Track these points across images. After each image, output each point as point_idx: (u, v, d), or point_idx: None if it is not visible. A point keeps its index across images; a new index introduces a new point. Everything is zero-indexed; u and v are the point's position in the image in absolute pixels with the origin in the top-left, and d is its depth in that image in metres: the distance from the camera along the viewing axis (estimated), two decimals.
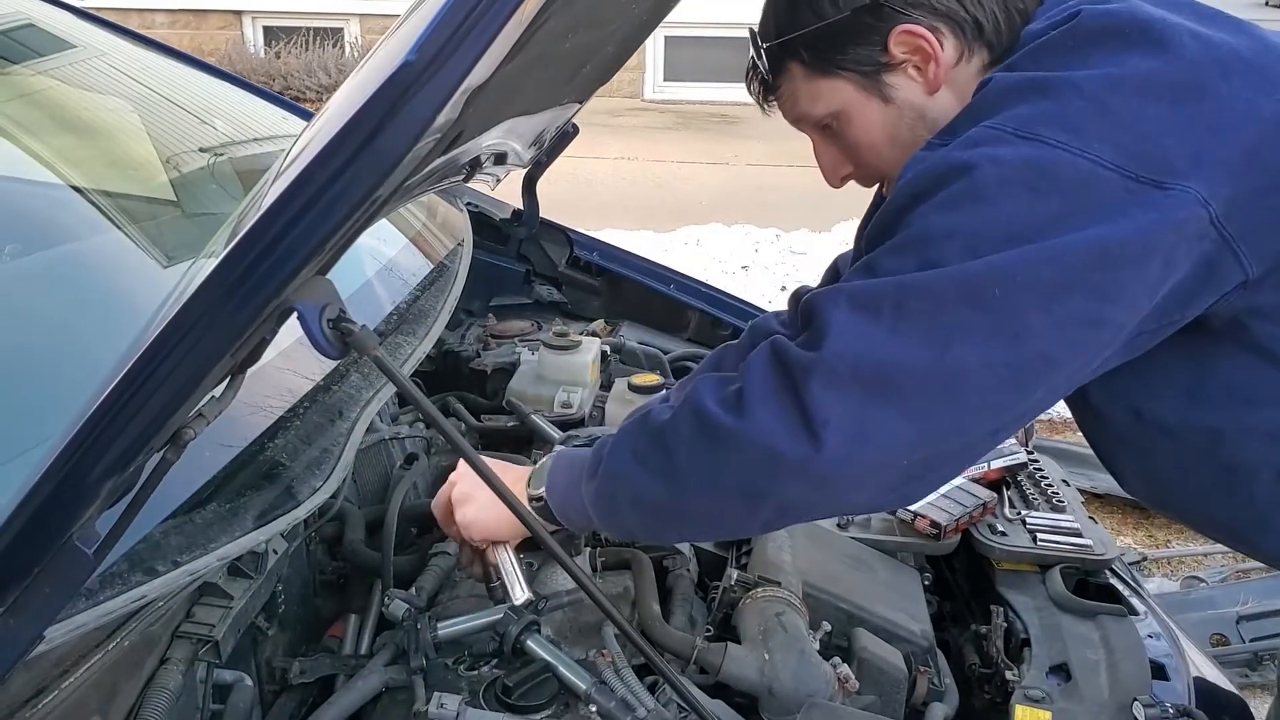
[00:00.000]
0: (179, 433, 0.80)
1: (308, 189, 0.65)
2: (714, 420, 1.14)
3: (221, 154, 2.41)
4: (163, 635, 1.27)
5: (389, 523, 1.61)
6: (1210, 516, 1.41)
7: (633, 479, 1.22)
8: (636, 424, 1.27)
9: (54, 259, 1.86)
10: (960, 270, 1.07)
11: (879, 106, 1.33)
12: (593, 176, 8.54)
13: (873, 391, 1.09)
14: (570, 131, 2.08)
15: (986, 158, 1.09)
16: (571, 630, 1.48)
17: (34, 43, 2.54)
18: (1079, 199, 1.07)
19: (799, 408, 1.09)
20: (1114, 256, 1.07)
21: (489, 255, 2.67)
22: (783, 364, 1.12)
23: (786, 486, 1.13)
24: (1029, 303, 1.07)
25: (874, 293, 1.11)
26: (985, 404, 1.10)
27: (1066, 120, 1.09)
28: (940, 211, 1.11)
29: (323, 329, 0.74)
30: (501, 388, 2.21)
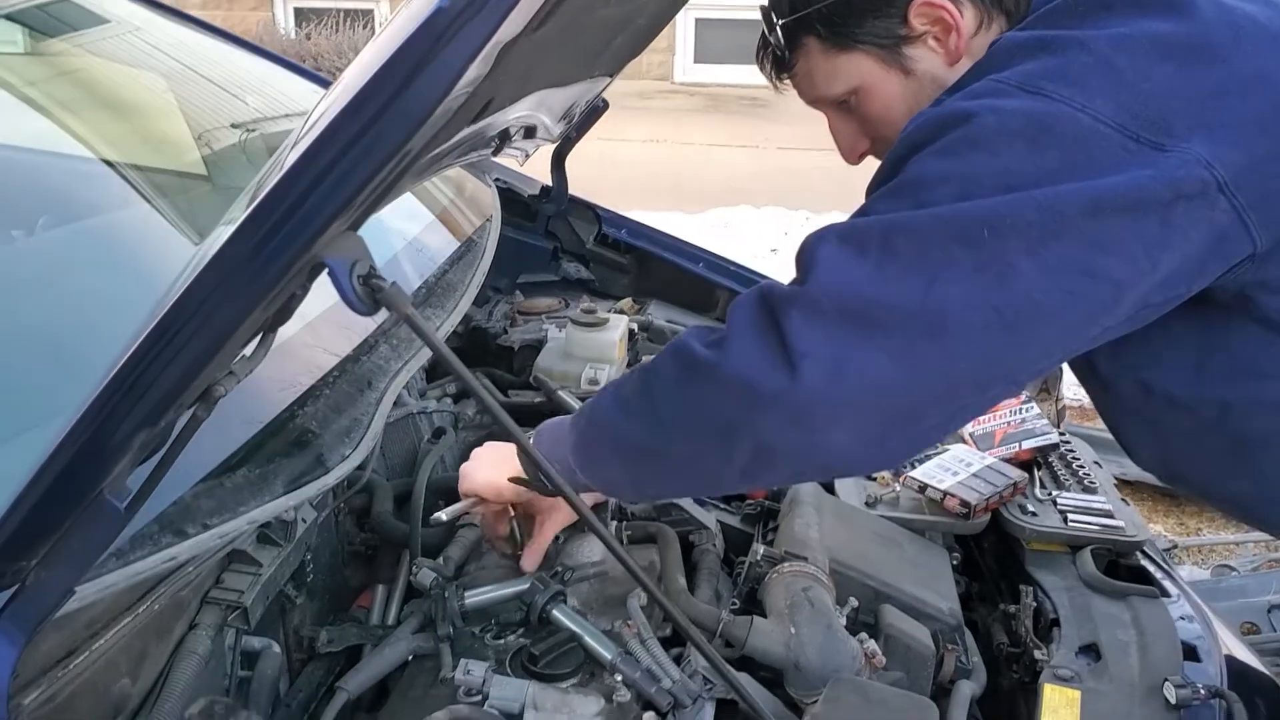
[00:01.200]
0: (210, 389, 0.80)
1: (339, 140, 0.64)
2: (694, 357, 1.14)
3: (253, 129, 2.42)
4: (192, 600, 1.28)
5: (417, 495, 1.62)
6: (1220, 489, 1.40)
7: (613, 423, 1.23)
8: (626, 375, 1.28)
9: (85, 231, 1.87)
10: (949, 210, 1.06)
11: (899, 80, 1.32)
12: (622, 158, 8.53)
13: (854, 325, 1.07)
14: (600, 106, 2.08)
15: (987, 107, 1.09)
16: (597, 601, 1.48)
17: (70, 18, 2.56)
18: (1076, 154, 1.06)
19: (778, 339, 1.08)
20: (1105, 206, 1.05)
21: (517, 232, 2.67)
22: (767, 300, 1.11)
23: (762, 421, 1.11)
24: (1016, 245, 1.05)
25: (862, 229, 1.10)
26: (970, 347, 1.07)
27: (1071, 76, 1.08)
28: (936, 158, 1.10)
29: (353, 285, 0.74)
30: (528, 364, 2.21)
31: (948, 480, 1.84)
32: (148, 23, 2.63)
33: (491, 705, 1.24)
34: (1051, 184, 1.05)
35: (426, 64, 0.61)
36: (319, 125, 0.67)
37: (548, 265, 2.73)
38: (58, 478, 0.76)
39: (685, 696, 1.27)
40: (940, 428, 1.16)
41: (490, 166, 2.68)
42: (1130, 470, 3.58)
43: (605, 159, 8.13)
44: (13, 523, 0.77)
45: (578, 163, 2.38)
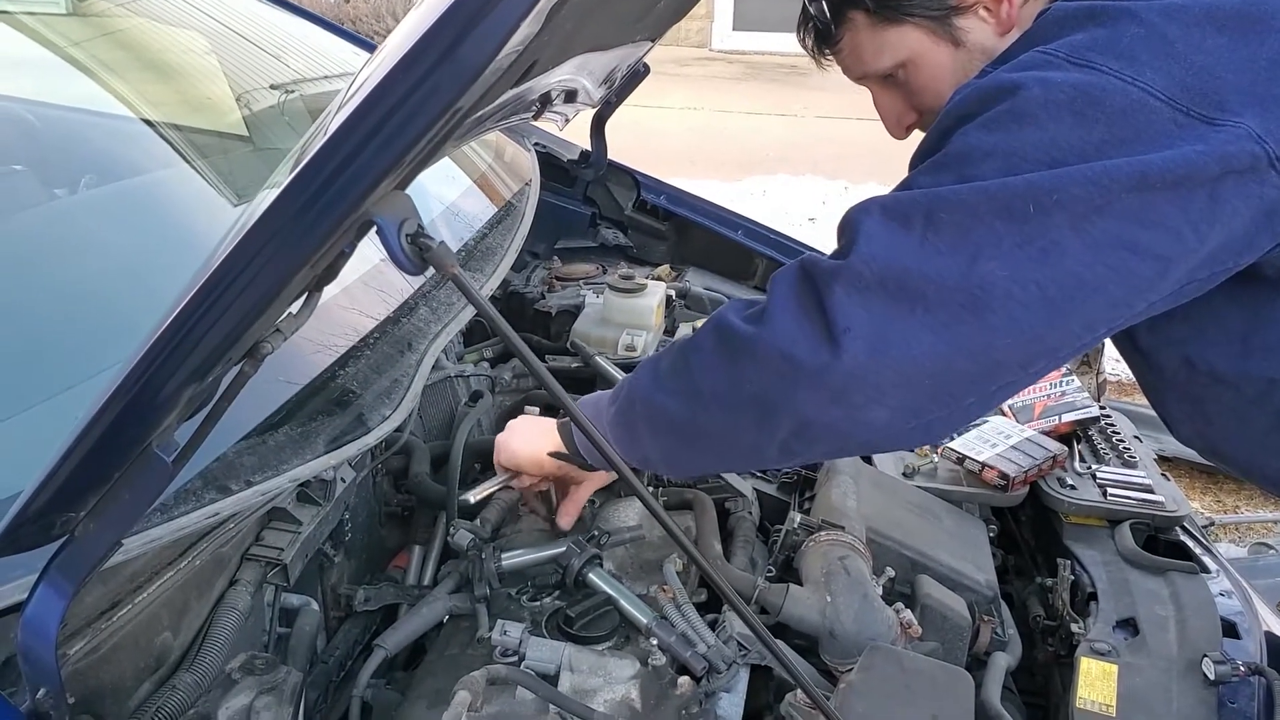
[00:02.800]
0: (257, 346, 0.80)
1: (391, 96, 0.64)
2: (734, 330, 1.13)
3: (293, 91, 2.42)
4: (233, 557, 1.29)
5: (454, 457, 1.63)
6: (1262, 467, 1.37)
7: (651, 398, 1.22)
8: (663, 350, 1.27)
9: (127, 190, 1.89)
10: (995, 185, 1.04)
11: (949, 51, 1.30)
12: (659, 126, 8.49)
13: (897, 300, 1.06)
14: (641, 71, 2.06)
15: (1035, 80, 1.06)
16: (633, 566, 1.48)
17: None
18: (1125, 128, 1.04)
19: (820, 313, 1.07)
20: (1153, 181, 1.03)
21: (555, 197, 2.67)
22: (808, 273, 1.10)
23: (803, 397, 1.09)
24: (1062, 220, 1.03)
25: (907, 203, 1.08)
26: (1013, 324, 1.06)
27: (1120, 47, 1.06)
28: (982, 131, 1.08)
29: (401, 243, 0.74)
30: (566, 330, 2.21)
31: (986, 452, 1.83)
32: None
33: (528, 666, 1.25)
34: (1098, 158, 1.03)
35: (479, 21, 0.61)
36: (369, 84, 0.67)
37: (586, 231, 2.72)
38: (107, 430, 0.77)
39: (720, 661, 1.28)
40: (982, 404, 1.15)
41: (529, 131, 2.67)
42: (1169, 446, 3.56)
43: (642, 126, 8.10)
44: (63, 474, 0.78)
45: (615, 130, 2.36)
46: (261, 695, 1.09)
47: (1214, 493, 3.93)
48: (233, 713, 1.08)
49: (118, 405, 0.75)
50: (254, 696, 1.09)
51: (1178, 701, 1.39)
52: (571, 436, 1.42)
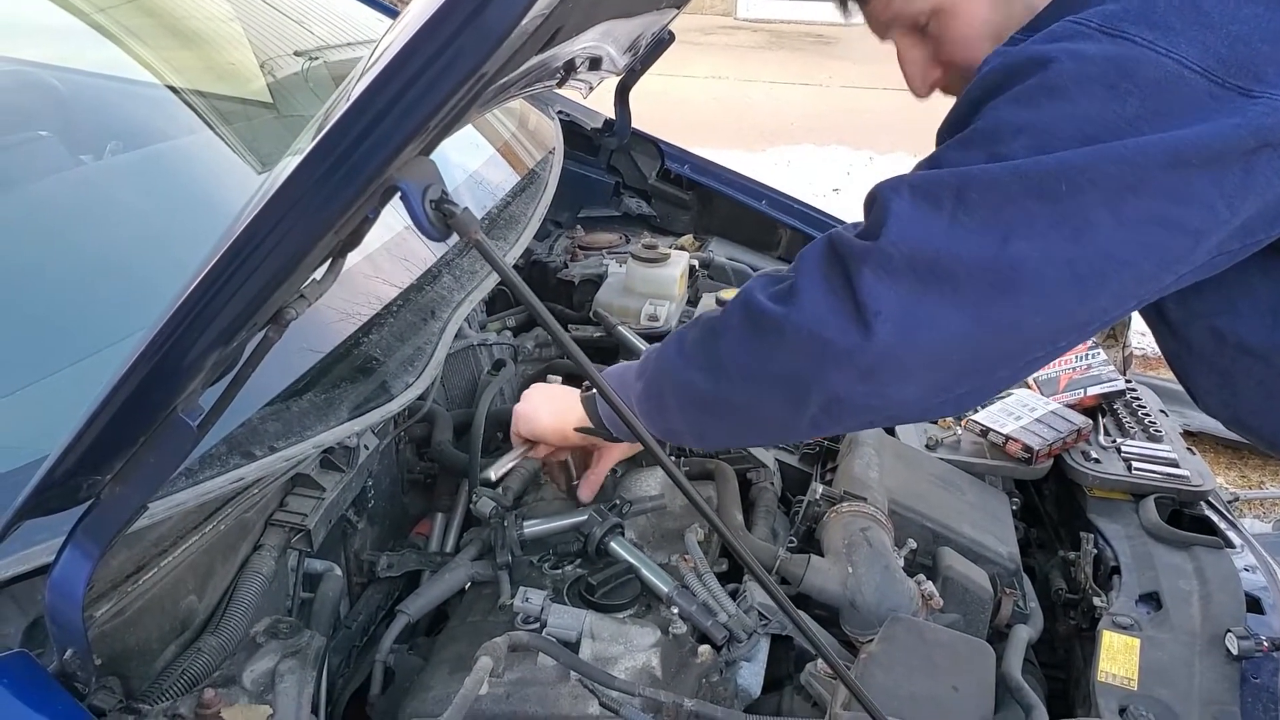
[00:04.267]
0: (281, 311, 0.81)
1: (416, 61, 0.64)
2: (762, 309, 1.13)
3: (317, 58, 2.42)
4: (257, 522, 1.30)
5: (476, 425, 1.63)
6: None
7: (679, 374, 1.22)
8: (688, 324, 1.26)
9: (153, 157, 1.89)
10: (1027, 164, 1.03)
11: (986, 1, 1.24)
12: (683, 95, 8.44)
13: (928, 281, 1.05)
14: (666, 39, 2.05)
15: (1067, 52, 1.04)
16: (654, 535, 1.49)
17: None
18: (1159, 100, 1.01)
19: (850, 294, 1.07)
20: (1188, 158, 1.01)
21: (579, 166, 2.66)
22: (837, 252, 1.09)
23: (833, 377, 1.10)
24: (1095, 199, 1.02)
25: (936, 182, 1.07)
26: (1044, 302, 1.06)
27: (1155, 17, 1.03)
28: (1013, 106, 1.06)
29: (425, 209, 0.73)
30: (588, 299, 2.21)
31: (1010, 424, 1.82)
32: None
33: (549, 633, 1.25)
34: (1132, 133, 1.01)
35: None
36: (393, 49, 0.67)
37: (609, 200, 2.72)
38: (132, 395, 0.77)
39: (741, 631, 1.28)
40: (1011, 378, 1.15)
41: (553, 99, 2.66)
42: (1194, 421, 3.54)
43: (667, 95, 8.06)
44: (89, 438, 0.79)
45: (639, 100, 2.35)
46: (285, 659, 1.10)
47: (1239, 468, 3.90)
48: (257, 676, 1.09)
49: (143, 370, 0.75)
50: (278, 660, 1.10)
51: (1200, 676, 1.38)
52: (596, 409, 1.41)
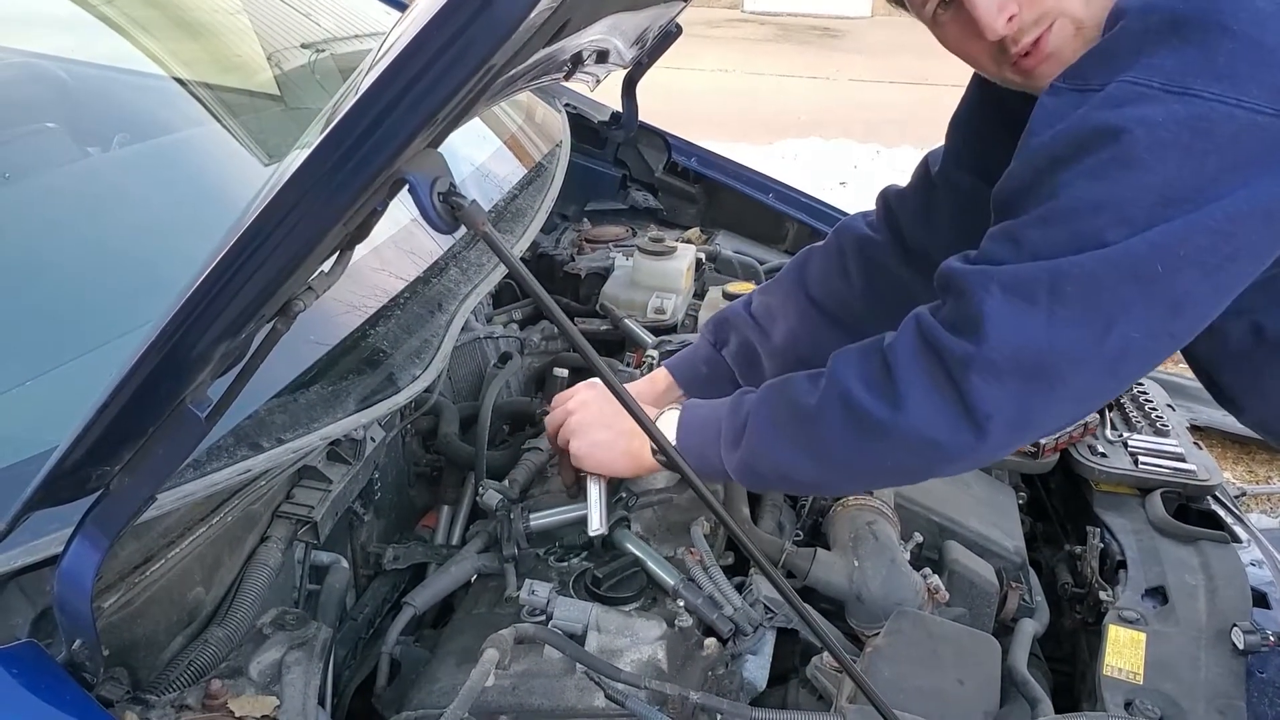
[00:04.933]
0: (289, 303, 0.81)
1: (424, 54, 0.64)
2: (867, 411, 1.13)
3: (324, 50, 2.42)
4: (264, 514, 1.31)
5: (483, 417, 1.63)
6: None
7: (782, 458, 1.23)
8: (781, 398, 1.25)
9: (161, 148, 1.89)
10: (1119, 250, 1.02)
11: None
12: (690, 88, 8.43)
13: (1036, 380, 1.07)
14: (673, 31, 2.04)
15: (1135, 120, 1.01)
16: (660, 528, 1.49)
17: None
18: (1238, 153, 1.00)
19: (960, 401, 1.08)
20: (1278, 216, 1.02)
21: (586, 159, 2.65)
22: (937, 354, 1.10)
23: (944, 471, 1.18)
24: (1193, 275, 1.02)
25: (1028, 279, 1.06)
26: (1145, 369, 1.11)
27: (1218, 67, 1.00)
28: (1088, 180, 1.04)
29: (433, 201, 0.74)
30: (595, 292, 2.21)
31: None
32: None
33: (555, 625, 1.26)
34: (1216, 192, 1.00)
35: None
36: (402, 41, 0.67)
37: (616, 193, 2.71)
38: (142, 386, 0.77)
39: (747, 624, 1.28)
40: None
41: (560, 91, 2.66)
42: (1201, 416, 3.53)
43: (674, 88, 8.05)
44: (98, 428, 0.79)
45: (646, 92, 2.34)
46: (292, 650, 1.11)
47: (1246, 463, 3.89)
48: (263, 667, 1.09)
49: (152, 361, 0.76)
50: (284, 652, 1.11)
51: (1206, 670, 1.38)
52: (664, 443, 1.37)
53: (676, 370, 1.59)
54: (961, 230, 1.37)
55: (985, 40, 1.18)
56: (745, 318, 1.61)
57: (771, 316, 1.60)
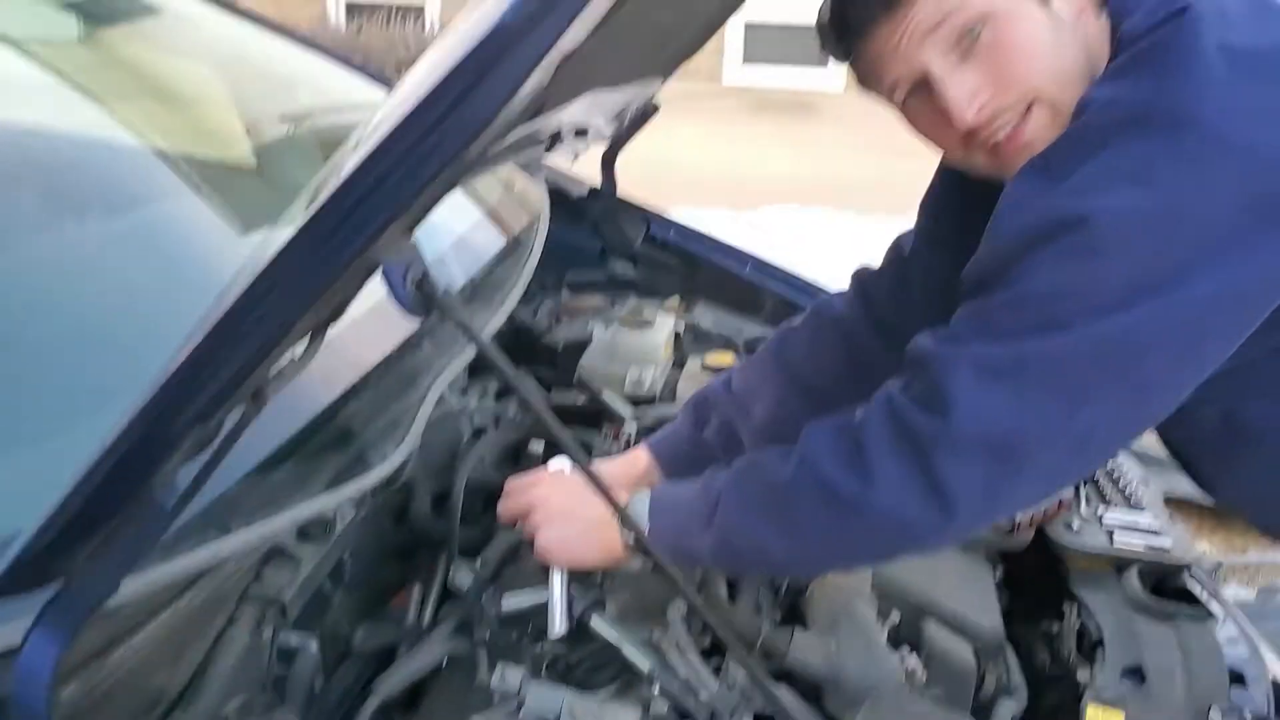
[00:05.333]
0: (260, 389, 0.80)
1: (398, 147, 0.64)
2: (838, 487, 1.14)
3: (302, 122, 2.43)
4: (232, 595, 1.28)
5: (456, 494, 1.62)
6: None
7: (758, 539, 1.23)
8: (751, 475, 1.26)
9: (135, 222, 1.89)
10: (1085, 333, 1.04)
11: (1039, 9, 1.16)
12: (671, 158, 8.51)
13: (1003, 460, 1.08)
14: (651, 109, 2.06)
15: (1101, 208, 1.03)
16: (637, 609, 1.47)
17: (121, 6, 2.58)
18: (1203, 243, 1.02)
19: (929, 479, 1.09)
20: (1243, 306, 1.04)
21: (565, 230, 2.66)
22: (906, 431, 1.11)
23: (915, 549, 1.21)
24: (1158, 360, 1.04)
25: (996, 359, 1.07)
26: (1112, 450, 1.15)
27: (1182, 157, 1.02)
28: (1056, 265, 1.06)
29: (407, 289, 0.74)
30: (573, 363, 2.20)
31: None
32: (200, 14, 2.65)
33: (526, 713, 1.23)
34: (1183, 281, 1.02)
35: (487, 76, 0.61)
36: (379, 132, 0.67)
37: (595, 264, 2.72)
38: (107, 475, 0.76)
39: (723, 709, 1.26)
40: None
41: (540, 165, 2.68)
42: (1178, 487, 3.53)
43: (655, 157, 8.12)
44: (60, 520, 0.78)
45: (627, 161, 2.36)
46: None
47: (1223, 533, 3.90)
48: None
49: (119, 450, 0.75)
50: None
51: None
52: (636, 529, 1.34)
53: (657, 450, 1.59)
54: (935, 309, 1.38)
55: (955, 128, 1.20)
56: (726, 396, 1.61)
57: (752, 395, 1.60)
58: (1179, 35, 1.07)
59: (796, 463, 1.19)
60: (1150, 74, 1.07)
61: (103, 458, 0.74)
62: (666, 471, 1.58)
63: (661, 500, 1.32)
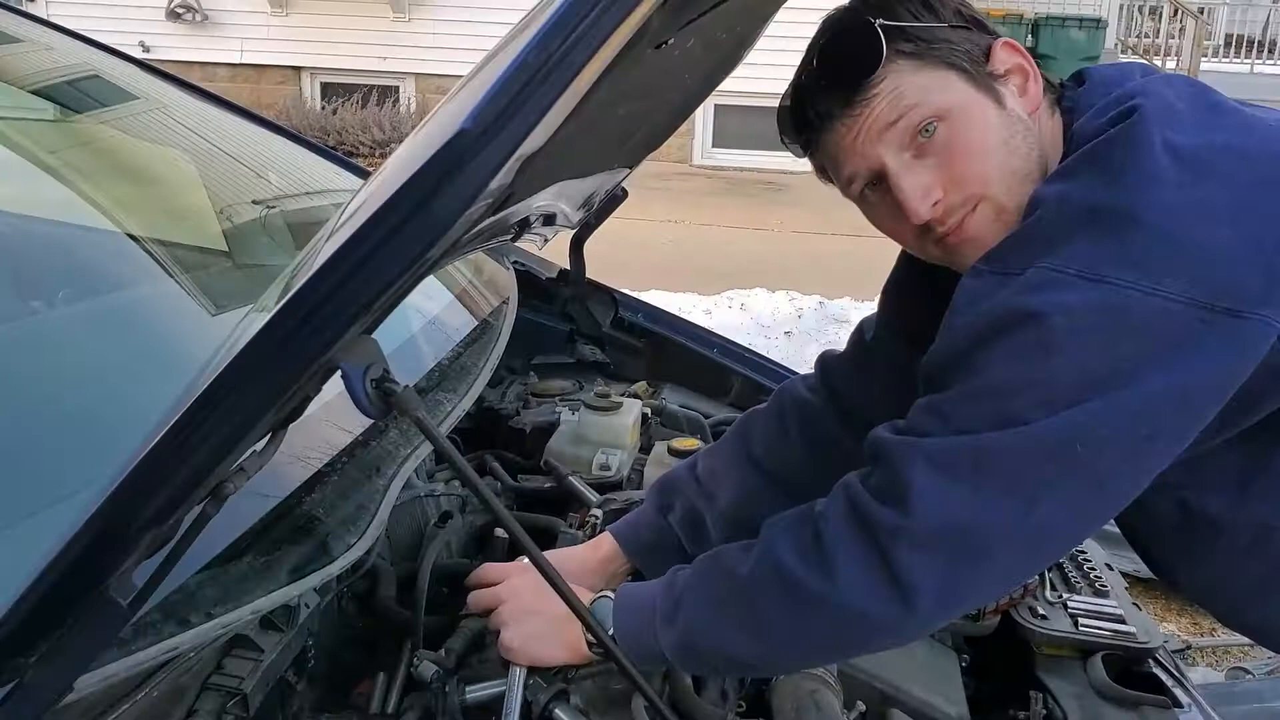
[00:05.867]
0: (220, 486, 0.80)
1: (358, 250, 0.65)
2: (798, 580, 1.15)
3: (274, 206, 2.45)
4: (192, 686, 1.26)
5: (420, 581, 1.60)
6: (1242, 616, 1.40)
7: (718, 634, 1.24)
8: (713, 571, 1.26)
9: (105, 305, 1.89)
10: (1040, 429, 1.06)
11: (994, 109, 1.21)
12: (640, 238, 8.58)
13: (961, 553, 1.10)
14: (619, 195, 2.09)
15: (1054, 306, 1.06)
16: (601, 699, 1.45)
17: (98, 93, 2.60)
18: (1154, 340, 1.04)
19: (888, 573, 1.10)
20: (1195, 402, 1.06)
21: (534, 314, 2.68)
22: (865, 524, 1.12)
23: (877, 643, 1.22)
24: (1114, 456, 1.07)
25: (953, 453, 1.09)
26: (1069, 545, 1.16)
27: (1131, 257, 1.05)
28: (1010, 361, 1.08)
29: (366, 389, 0.74)
30: (540, 447, 2.19)
31: None
32: (175, 101, 2.68)
33: None
34: (1134, 378, 1.04)
35: (448, 182, 0.62)
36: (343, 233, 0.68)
37: (563, 347, 2.73)
38: (62, 574, 0.76)
39: None
40: None
41: (509, 249, 2.70)
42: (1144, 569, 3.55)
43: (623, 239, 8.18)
44: (13, 620, 0.77)
45: (599, 241, 2.37)
46: None
47: (1190, 615, 3.90)
48: None
49: (75, 549, 0.74)
50: None
51: None
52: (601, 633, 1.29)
53: (621, 537, 1.59)
54: (897, 395, 1.40)
55: (909, 221, 1.23)
56: (690, 482, 1.62)
57: (717, 480, 1.60)
58: (1128, 135, 1.11)
59: (757, 556, 1.19)
60: (1100, 173, 1.11)
61: (57, 559, 0.73)
62: (631, 558, 1.57)
63: (626, 600, 1.32)
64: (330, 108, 12.38)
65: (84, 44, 2.63)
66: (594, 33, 0.67)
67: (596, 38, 0.67)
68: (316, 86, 13.09)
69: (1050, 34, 13.12)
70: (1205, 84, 1.21)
